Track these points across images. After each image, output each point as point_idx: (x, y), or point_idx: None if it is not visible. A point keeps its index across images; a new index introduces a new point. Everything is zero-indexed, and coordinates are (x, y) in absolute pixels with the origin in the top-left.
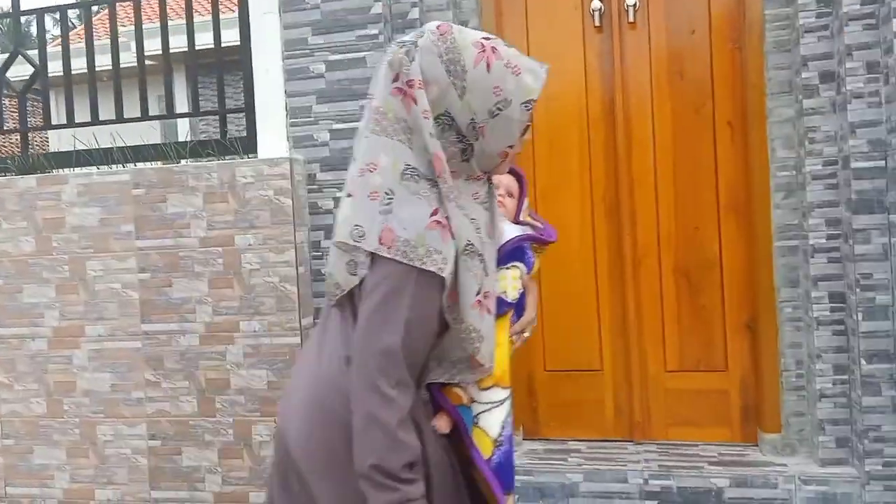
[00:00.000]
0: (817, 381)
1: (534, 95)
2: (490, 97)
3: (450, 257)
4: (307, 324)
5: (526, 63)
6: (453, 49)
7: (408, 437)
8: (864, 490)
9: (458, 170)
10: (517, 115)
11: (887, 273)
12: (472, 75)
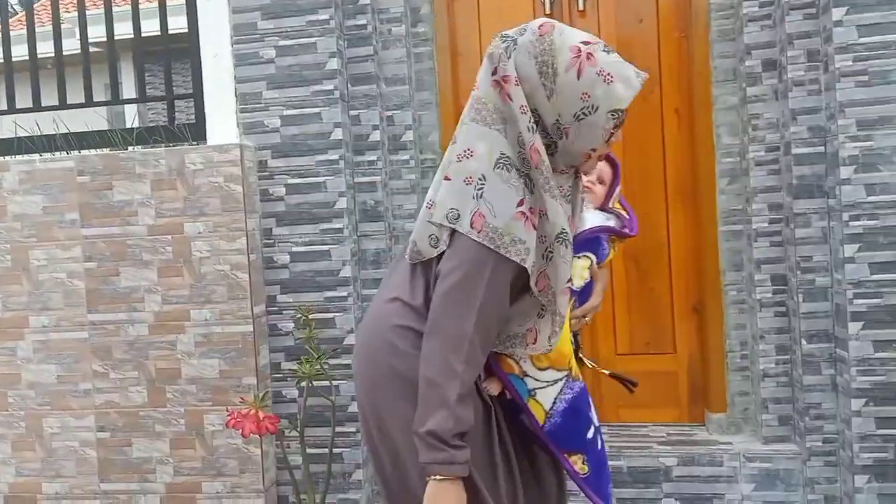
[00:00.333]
0: (760, 361)
1: (622, 105)
2: (577, 102)
3: (532, 248)
4: (259, 311)
5: (621, 71)
6: (549, 51)
7: (464, 412)
8: (806, 466)
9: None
10: (602, 122)
11: (826, 255)
12: (562, 79)
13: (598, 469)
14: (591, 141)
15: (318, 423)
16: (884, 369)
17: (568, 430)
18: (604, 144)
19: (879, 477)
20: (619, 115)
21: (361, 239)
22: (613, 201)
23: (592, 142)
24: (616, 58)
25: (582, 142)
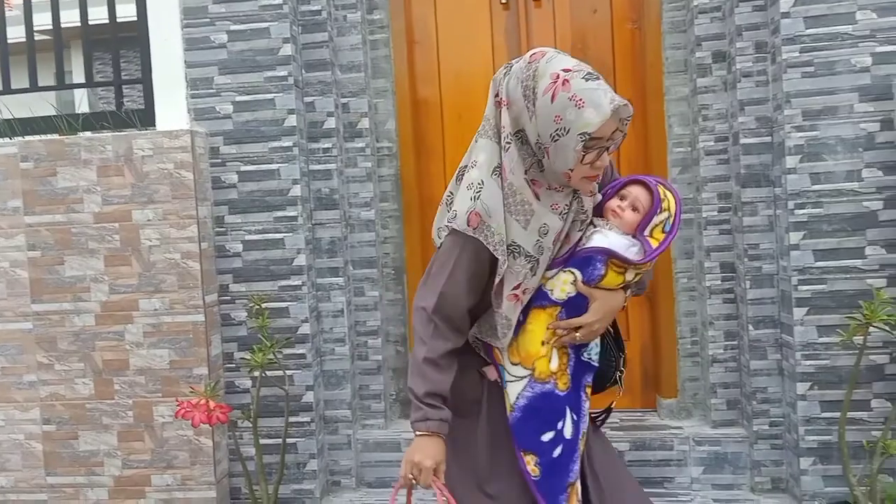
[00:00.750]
0: (710, 347)
1: (590, 129)
2: (551, 124)
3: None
4: (211, 301)
5: (593, 98)
6: (533, 76)
7: (431, 372)
8: (752, 449)
9: (541, 180)
10: (573, 144)
11: (772, 243)
12: (540, 102)
13: (549, 475)
14: (565, 161)
15: (272, 413)
16: (827, 354)
17: (524, 427)
18: (581, 166)
19: (824, 459)
20: (586, 138)
21: (316, 227)
22: (652, 230)
23: (567, 162)
24: (594, 85)
25: (559, 162)
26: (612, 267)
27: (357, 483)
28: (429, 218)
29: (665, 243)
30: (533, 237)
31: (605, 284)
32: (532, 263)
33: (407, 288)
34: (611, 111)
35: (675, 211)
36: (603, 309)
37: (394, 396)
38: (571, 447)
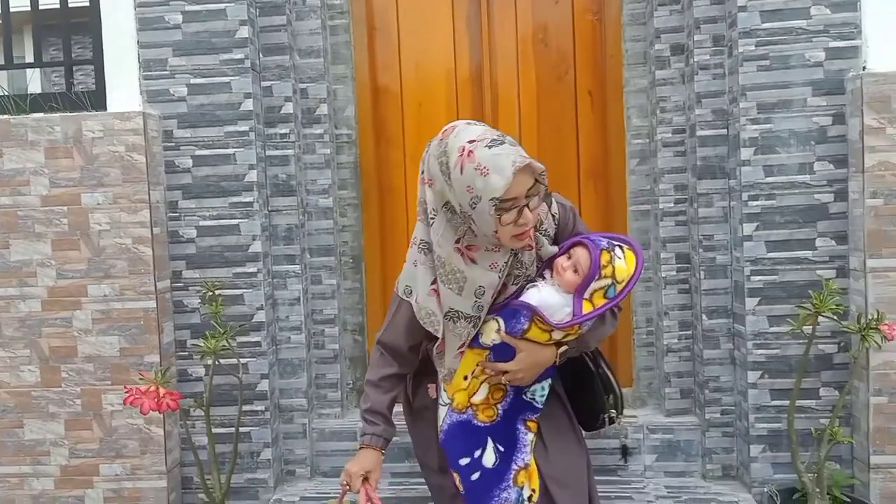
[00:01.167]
0: (664, 337)
1: (497, 194)
2: (466, 194)
3: (440, 317)
4: (163, 287)
5: (497, 163)
6: (445, 152)
7: (372, 393)
8: (705, 437)
9: (476, 244)
10: (487, 209)
11: (726, 234)
12: (453, 175)
13: (470, 496)
14: (487, 226)
15: (226, 402)
16: (778, 343)
17: (447, 448)
18: (503, 227)
19: (773, 446)
20: (497, 202)
21: (273, 214)
22: (592, 294)
23: (489, 226)
24: (497, 150)
25: (482, 226)
26: (537, 323)
27: (312, 472)
28: (388, 206)
29: (599, 310)
30: (470, 300)
31: (530, 337)
32: (473, 322)
33: (365, 277)
34: (513, 174)
35: (628, 277)
36: (526, 361)
37: (350, 385)
38: (495, 476)
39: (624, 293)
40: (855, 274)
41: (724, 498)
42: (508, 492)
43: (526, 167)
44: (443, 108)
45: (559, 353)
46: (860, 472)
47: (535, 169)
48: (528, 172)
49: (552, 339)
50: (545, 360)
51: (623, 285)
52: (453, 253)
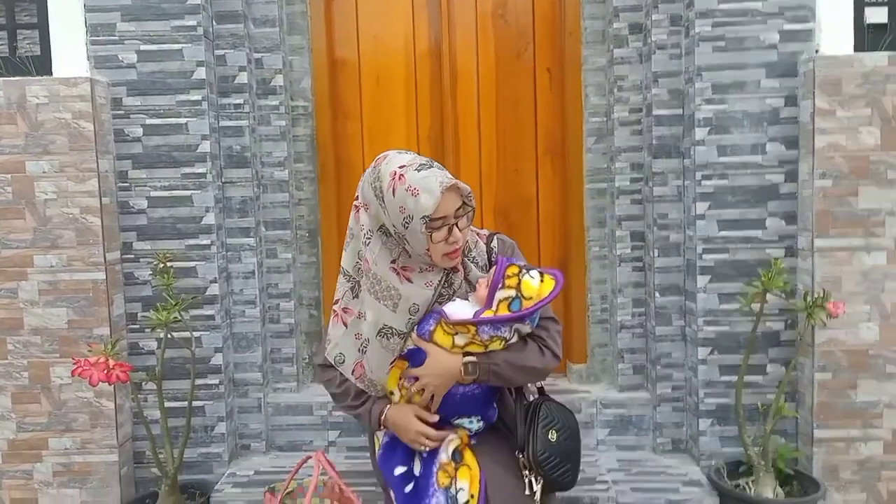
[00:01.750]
0: (618, 313)
1: (428, 212)
2: (399, 215)
3: (335, 338)
4: (113, 259)
5: (426, 185)
6: (378, 178)
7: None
8: (656, 411)
9: (411, 265)
10: (419, 228)
11: (680, 213)
12: (387, 198)
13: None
14: (419, 243)
15: (178, 375)
16: (727, 320)
17: (384, 463)
18: (435, 245)
19: (721, 421)
20: (427, 220)
21: (226, 186)
22: (497, 304)
23: (421, 244)
24: (426, 173)
25: (415, 245)
26: (442, 325)
27: (267, 447)
28: (345, 180)
29: (498, 318)
30: (404, 317)
31: (436, 340)
32: (405, 338)
33: (321, 251)
34: (440, 193)
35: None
36: (433, 366)
37: (306, 360)
38: (423, 481)
39: (530, 311)
40: (803, 253)
41: (672, 471)
42: (437, 497)
43: (453, 188)
44: (401, 82)
45: (465, 366)
46: (804, 446)
47: (461, 190)
48: (456, 193)
49: (455, 345)
50: (451, 367)
51: (531, 303)
52: (389, 272)
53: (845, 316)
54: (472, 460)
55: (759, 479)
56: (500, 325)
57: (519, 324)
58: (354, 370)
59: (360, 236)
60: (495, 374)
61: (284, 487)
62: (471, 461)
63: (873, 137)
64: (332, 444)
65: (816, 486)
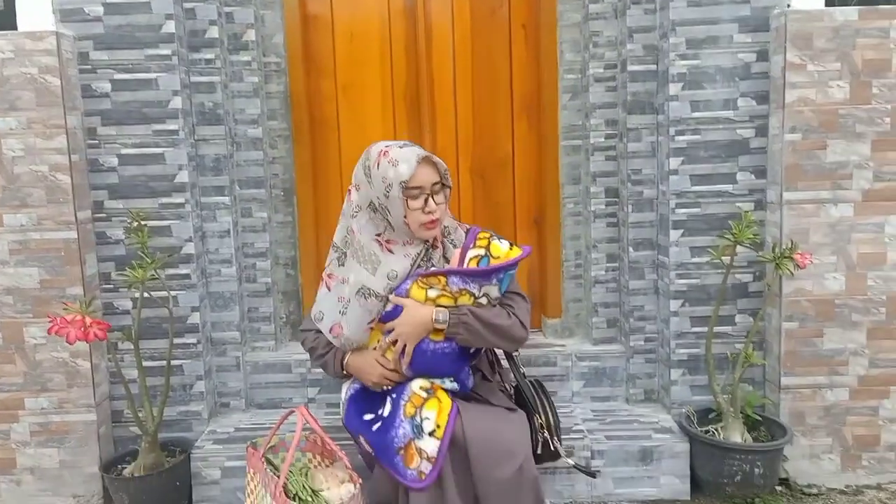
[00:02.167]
0: (593, 268)
1: (404, 178)
2: (381, 184)
3: (322, 302)
4: (84, 217)
5: (405, 157)
6: (368, 159)
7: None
8: (629, 363)
9: (395, 239)
10: (398, 194)
11: (654, 169)
12: (373, 172)
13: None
14: (398, 210)
15: (154, 335)
16: (698, 273)
17: (350, 413)
18: (412, 212)
19: (692, 370)
20: (404, 186)
21: (199, 143)
22: (468, 262)
23: (399, 210)
24: (406, 149)
25: (395, 213)
26: (418, 282)
27: (247, 405)
28: (319, 139)
29: (464, 270)
30: (382, 281)
31: (411, 296)
32: (383, 301)
33: (297, 210)
34: (416, 162)
35: (504, 257)
36: (407, 315)
37: (284, 319)
38: (390, 419)
39: (496, 267)
40: (771, 206)
41: (645, 419)
42: (403, 427)
43: (428, 160)
44: (375, 39)
45: (437, 314)
46: (771, 393)
47: (438, 165)
48: (433, 168)
49: (428, 298)
50: (423, 316)
51: (498, 262)
52: (372, 242)
53: (812, 267)
54: (445, 397)
55: (728, 425)
56: (467, 279)
57: (486, 283)
58: (332, 329)
59: (350, 213)
60: (464, 326)
61: (267, 442)
62: (443, 397)
63: (843, 92)
64: (311, 400)
65: (783, 432)
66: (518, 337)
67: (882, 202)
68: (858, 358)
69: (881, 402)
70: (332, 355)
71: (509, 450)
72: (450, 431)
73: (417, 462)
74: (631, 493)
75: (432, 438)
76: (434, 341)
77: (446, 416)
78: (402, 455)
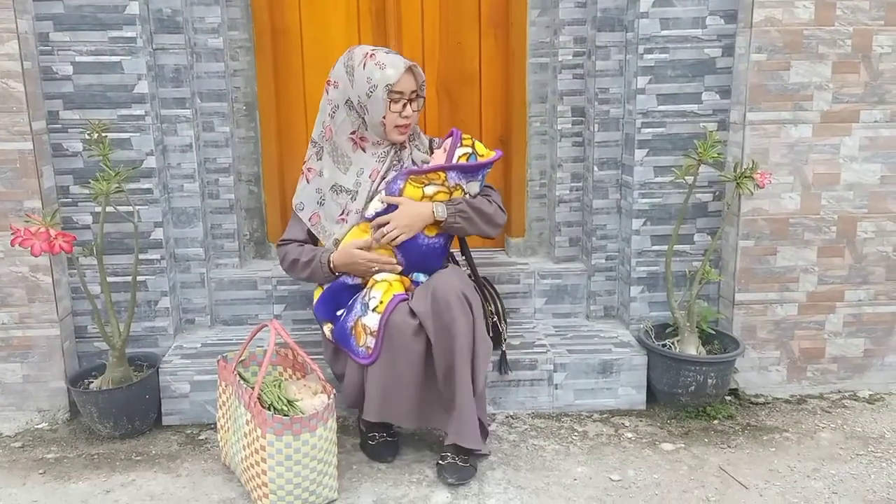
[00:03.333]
0: (557, 188)
1: (391, 81)
2: (365, 85)
3: (298, 191)
4: (39, 128)
5: (392, 61)
6: (351, 58)
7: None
8: (590, 281)
9: (367, 136)
10: (382, 95)
11: (621, 88)
12: (357, 71)
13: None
14: (378, 110)
15: (116, 250)
16: (661, 192)
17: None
18: (391, 114)
19: (651, 287)
20: (389, 89)
21: (158, 53)
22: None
23: (379, 110)
24: (393, 55)
25: (374, 112)
26: (411, 182)
27: (212, 321)
28: (282, 51)
29: (460, 165)
30: (352, 178)
31: (406, 195)
32: (352, 195)
33: (260, 125)
34: (404, 67)
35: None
36: (405, 210)
37: (247, 236)
38: (350, 306)
39: (488, 161)
40: (734, 127)
41: (605, 334)
42: (355, 308)
43: (411, 70)
44: None
45: (436, 206)
46: (725, 309)
47: (417, 77)
48: (413, 78)
49: (425, 195)
50: (423, 210)
51: (484, 158)
52: (346, 141)
53: (770, 186)
54: (399, 285)
55: (684, 339)
56: (461, 175)
57: (473, 179)
58: (311, 218)
59: (328, 109)
60: (461, 214)
61: (238, 355)
62: (397, 285)
63: (808, 12)
64: (277, 317)
65: (736, 345)
66: (501, 222)
67: (839, 123)
68: (808, 275)
69: (827, 316)
70: (318, 260)
71: (456, 290)
72: (392, 306)
73: (364, 339)
74: (590, 403)
75: (374, 314)
76: (428, 236)
77: (391, 295)
78: (353, 334)
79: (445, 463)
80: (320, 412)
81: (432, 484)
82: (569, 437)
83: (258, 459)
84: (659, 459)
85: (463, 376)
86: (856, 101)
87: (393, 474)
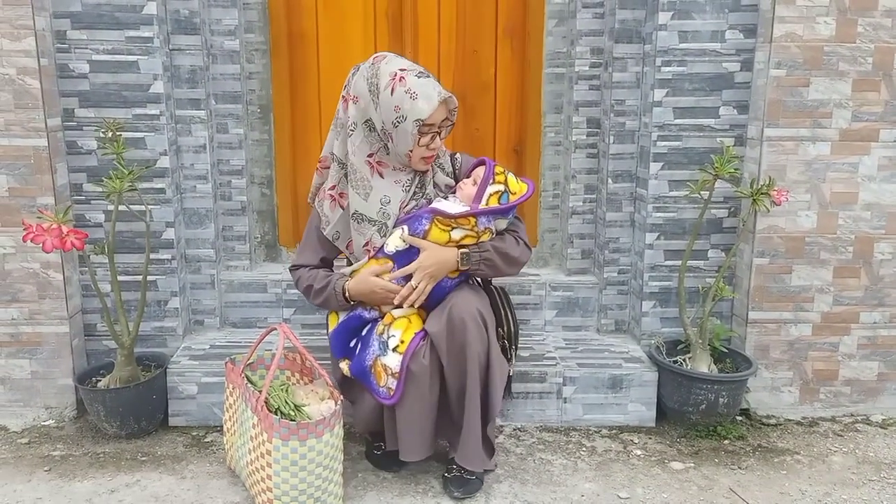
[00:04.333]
0: (570, 199)
1: (423, 115)
2: (392, 113)
3: (333, 220)
4: (54, 125)
5: (425, 91)
6: (376, 75)
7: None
8: (602, 294)
9: (386, 162)
10: (410, 129)
11: (637, 100)
12: (382, 95)
13: (355, 367)
14: (405, 144)
15: (127, 249)
16: (675, 206)
17: (337, 341)
18: (418, 147)
19: (663, 303)
20: (420, 124)
21: (174, 53)
22: (487, 199)
23: (407, 144)
24: (425, 81)
25: (400, 145)
26: (437, 223)
27: (221, 323)
28: (298, 55)
29: (492, 209)
30: (375, 206)
31: (432, 238)
32: (379, 227)
33: (274, 128)
34: (438, 101)
35: (520, 192)
36: (431, 257)
37: (259, 239)
38: (367, 337)
39: (518, 201)
40: (752, 142)
41: (615, 349)
42: (373, 345)
43: (448, 99)
44: None
45: (461, 255)
46: (738, 327)
47: (449, 104)
48: (445, 105)
49: (451, 240)
50: (448, 258)
51: (515, 197)
52: (364, 164)
53: (787, 204)
54: (417, 320)
55: (696, 356)
56: (492, 217)
57: (502, 218)
58: (348, 246)
59: (346, 128)
60: (486, 262)
61: (246, 358)
62: (415, 320)
63: (829, 29)
64: (286, 321)
65: (748, 364)
66: (525, 261)
67: (858, 142)
68: (823, 295)
69: (842, 338)
70: (332, 288)
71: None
72: (413, 347)
73: (385, 379)
74: (599, 418)
75: (395, 354)
76: (450, 278)
77: (412, 334)
78: (373, 373)
79: (451, 476)
80: (327, 418)
81: (438, 495)
82: (577, 452)
83: (263, 464)
84: (668, 478)
85: (473, 399)
86: (875, 119)
87: (399, 484)
